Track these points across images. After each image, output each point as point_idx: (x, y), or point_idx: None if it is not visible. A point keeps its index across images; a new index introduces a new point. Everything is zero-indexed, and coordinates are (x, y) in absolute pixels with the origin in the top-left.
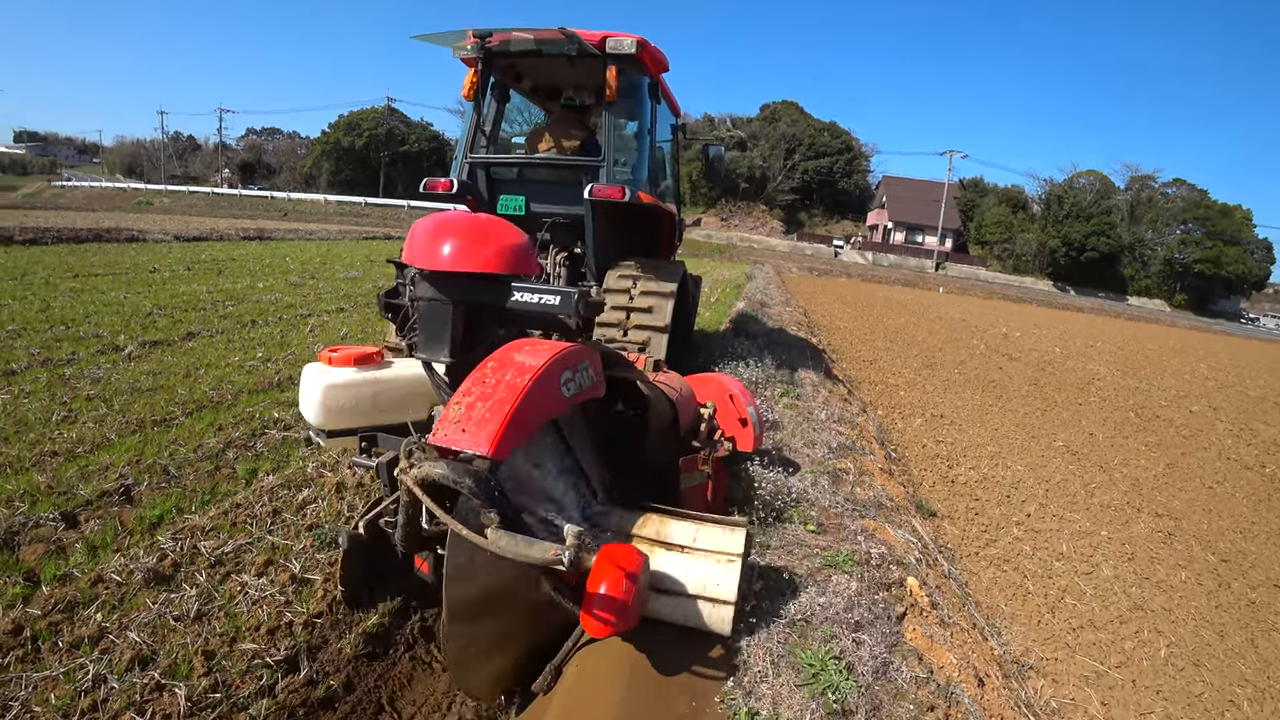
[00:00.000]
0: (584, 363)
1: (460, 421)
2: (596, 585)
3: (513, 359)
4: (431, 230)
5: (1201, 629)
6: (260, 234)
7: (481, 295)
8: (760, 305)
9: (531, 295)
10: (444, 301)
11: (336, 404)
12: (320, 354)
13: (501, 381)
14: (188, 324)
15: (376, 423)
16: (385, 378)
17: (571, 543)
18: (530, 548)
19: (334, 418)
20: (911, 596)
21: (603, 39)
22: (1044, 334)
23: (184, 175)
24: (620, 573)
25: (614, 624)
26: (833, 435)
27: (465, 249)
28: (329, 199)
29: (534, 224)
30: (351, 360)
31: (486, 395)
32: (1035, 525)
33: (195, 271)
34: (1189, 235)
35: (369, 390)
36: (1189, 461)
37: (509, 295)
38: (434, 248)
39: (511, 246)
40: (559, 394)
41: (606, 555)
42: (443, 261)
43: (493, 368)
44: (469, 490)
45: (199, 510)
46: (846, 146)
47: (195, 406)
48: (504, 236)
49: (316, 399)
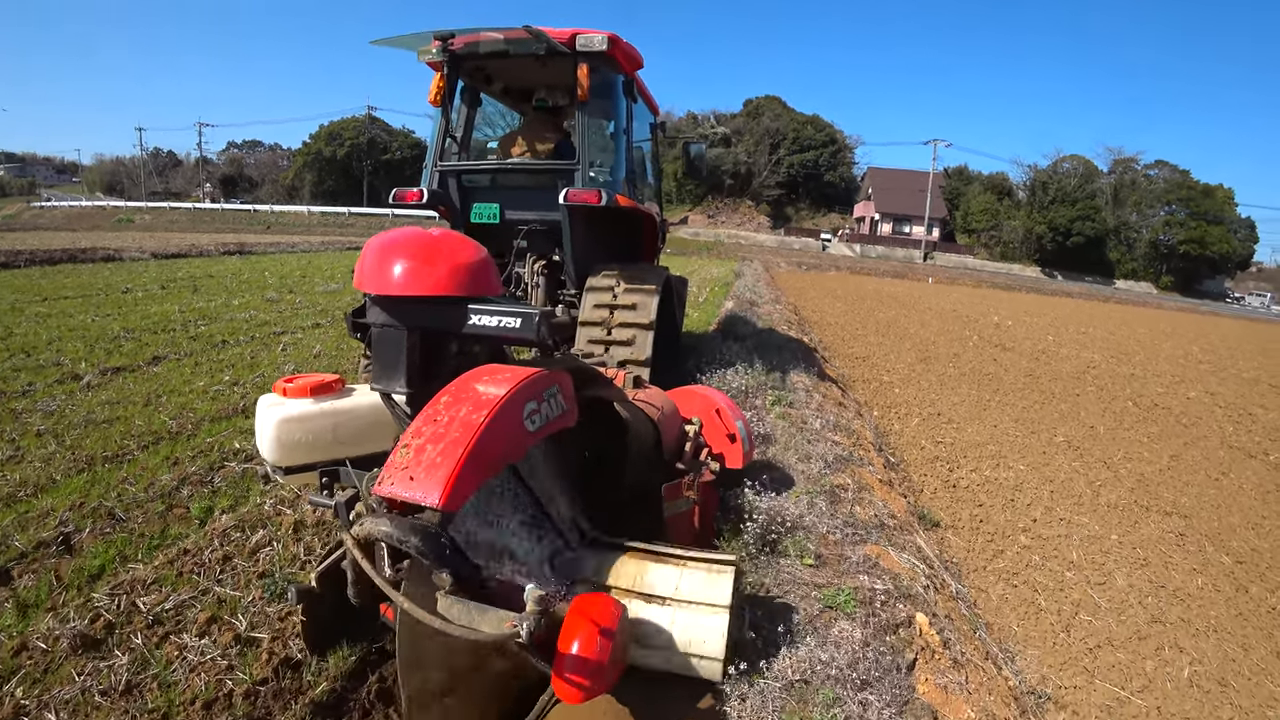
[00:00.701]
0: (551, 388)
1: (409, 468)
2: (568, 644)
3: (470, 390)
4: (379, 251)
5: (1224, 642)
6: (241, 248)
7: (437, 319)
8: (749, 304)
9: (490, 318)
10: (397, 328)
11: (292, 438)
12: (275, 384)
13: (455, 419)
14: (154, 347)
15: (337, 456)
16: (345, 408)
17: (532, 609)
18: (483, 618)
19: (291, 453)
20: (922, 637)
21: (572, 36)
22: (1035, 322)
23: (165, 191)
24: (594, 629)
25: (588, 688)
26: (828, 446)
27: (416, 270)
28: (312, 210)
29: (510, 232)
30: (308, 390)
31: (438, 436)
32: (1042, 531)
33: (170, 290)
34: (1173, 216)
35: (328, 422)
36: (1192, 453)
37: (466, 318)
38: (383, 270)
39: (467, 264)
40: (522, 428)
41: (579, 609)
42: (393, 285)
43: (446, 402)
44: (416, 551)
45: (145, 557)
46: (831, 139)
47: (152, 439)
48: (458, 254)
49: (271, 433)
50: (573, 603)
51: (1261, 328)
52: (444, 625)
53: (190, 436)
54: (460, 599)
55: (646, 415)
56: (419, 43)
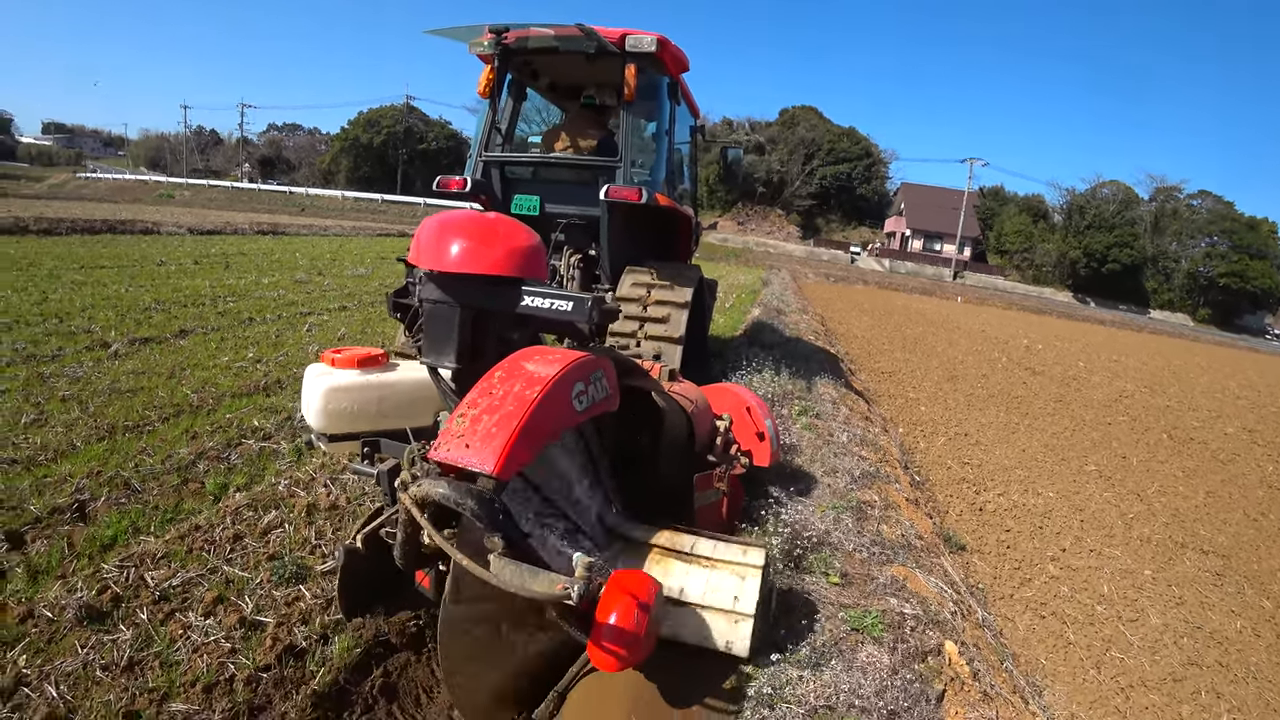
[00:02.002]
0: (598, 372)
1: (464, 436)
2: (606, 615)
3: (522, 368)
4: (438, 229)
5: (1264, 691)
6: (275, 229)
7: (490, 299)
8: (776, 312)
9: (543, 300)
10: (450, 304)
11: (339, 408)
12: (323, 355)
13: (510, 393)
14: (183, 320)
15: (380, 428)
16: (390, 381)
17: (581, 574)
18: (535, 580)
19: (336, 422)
20: (951, 667)
21: (622, 36)
22: (1066, 347)
23: (206, 169)
24: (632, 602)
25: (624, 658)
26: (855, 461)
27: (473, 249)
28: (346, 195)
29: (548, 225)
30: (355, 362)
31: (493, 408)
32: (1072, 562)
33: (203, 266)
34: (1214, 248)
35: (373, 394)
36: (1230, 490)
37: (519, 299)
38: (441, 247)
39: (522, 248)
40: (571, 407)
41: (617, 582)
42: (450, 262)
43: (500, 377)
44: (472, 513)
45: (157, 531)
46: (865, 152)
47: (173, 411)
48: (514, 237)
49: (318, 402)
50: (611, 576)
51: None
52: (499, 582)
53: (211, 411)
54: (513, 561)
55: (681, 407)
56: (472, 34)
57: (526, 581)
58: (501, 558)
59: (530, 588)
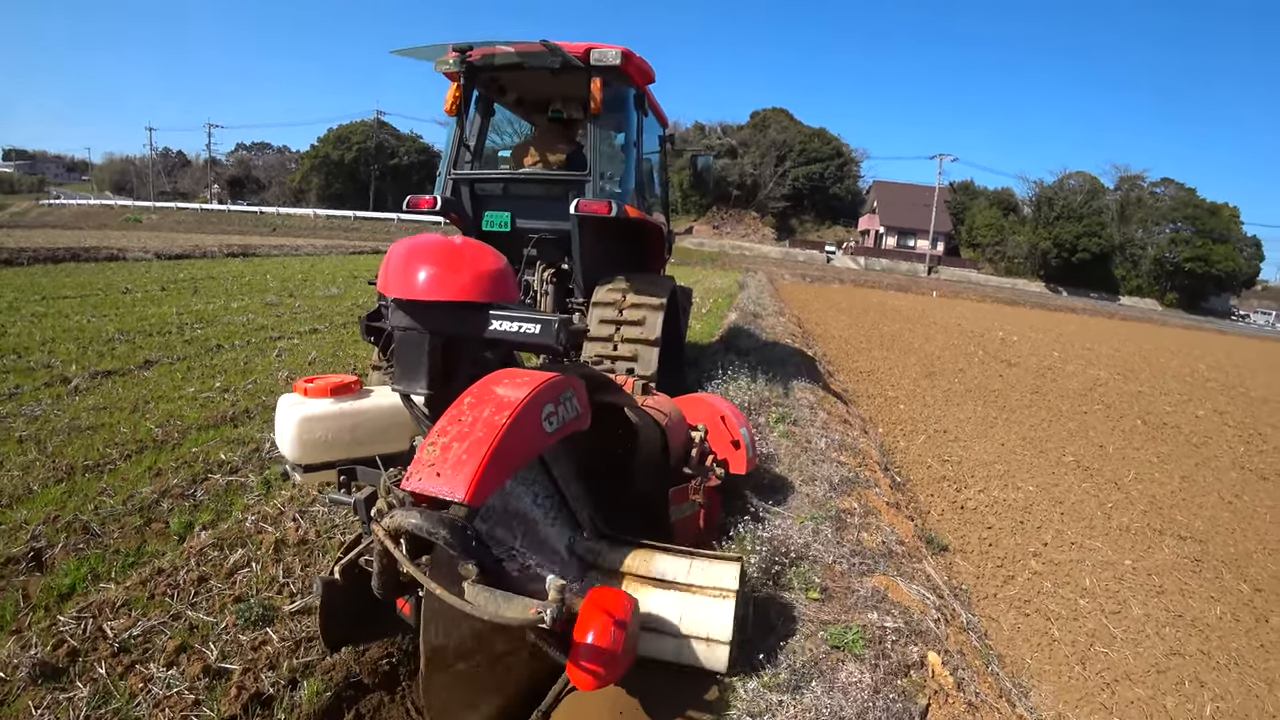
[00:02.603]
0: (567, 392)
1: (435, 464)
2: (583, 634)
3: (492, 393)
4: (405, 257)
5: (1246, 677)
6: (245, 250)
7: (459, 324)
8: (753, 316)
9: (511, 324)
10: (420, 331)
11: (313, 437)
12: (295, 384)
13: (479, 419)
14: (148, 350)
15: (355, 455)
16: (364, 408)
17: (554, 597)
18: (508, 606)
19: (311, 452)
20: (934, 679)
21: (586, 51)
22: (1041, 337)
23: (173, 191)
24: (608, 620)
25: (602, 676)
26: (833, 468)
27: (440, 276)
28: (318, 213)
29: (520, 240)
30: (328, 390)
31: (463, 435)
32: (1054, 556)
33: (170, 291)
34: (1178, 234)
35: (347, 422)
36: (1204, 474)
37: (488, 324)
38: (408, 275)
39: (489, 272)
40: (541, 429)
41: (593, 601)
42: (417, 290)
43: (470, 403)
44: (444, 542)
45: (117, 577)
46: (837, 152)
47: (136, 448)
48: (481, 261)
49: (292, 432)
50: (588, 595)
51: (1268, 346)
52: (473, 609)
53: (175, 446)
54: (486, 588)
55: (654, 421)
56: (437, 54)
57: (500, 608)
58: (476, 584)
59: (504, 614)
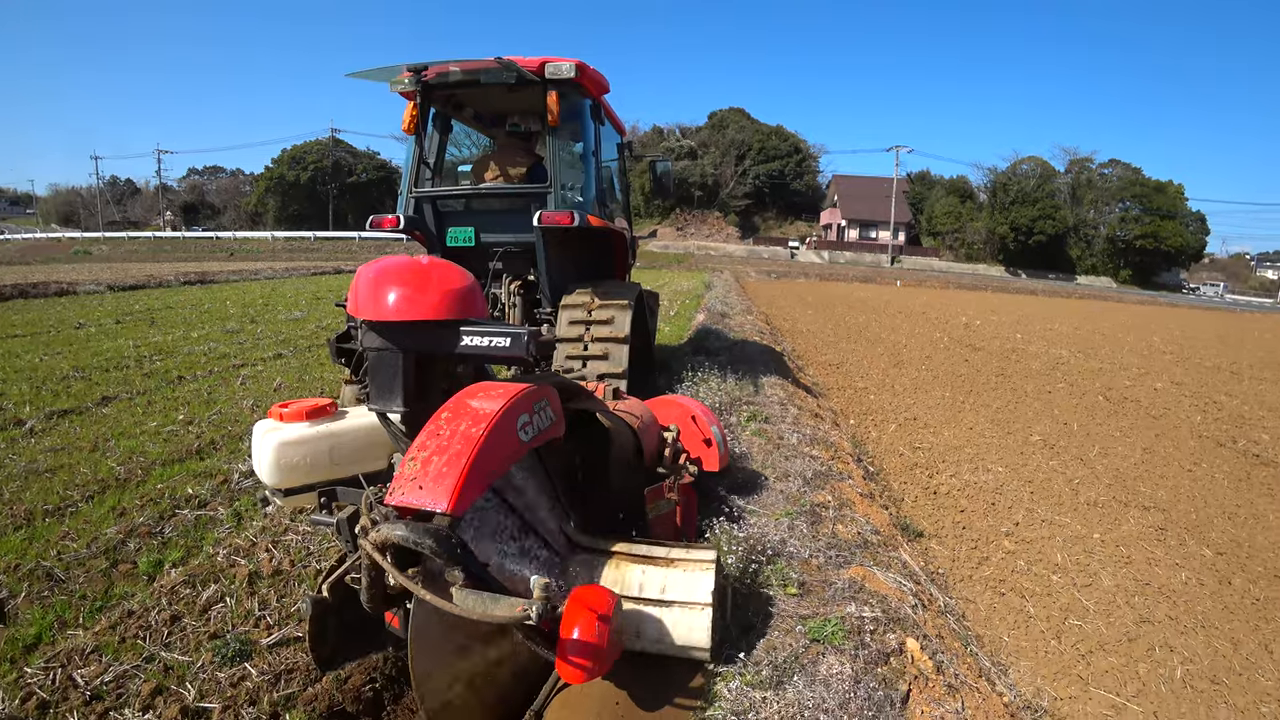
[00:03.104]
0: (541, 402)
1: (417, 478)
2: (569, 630)
3: (467, 406)
4: (374, 280)
5: (1213, 638)
6: (203, 277)
7: (431, 342)
8: (721, 316)
9: (482, 338)
10: (393, 351)
11: (291, 461)
12: (270, 410)
13: (456, 432)
14: (105, 386)
15: (334, 477)
16: (340, 430)
17: (539, 595)
18: (496, 606)
19: (290, 476)
20: (914, 665)
21: (541, 64)
22: (1003, 320)
23: (124, 220)
24: (592, 616)
25: (590, 669)
26: (806, 463)
27: (410, 297)
28: (276, 236)
29: (485, 254)
30: (304, 414)
31: (442, 448)
32: (1025, 534)
33: (125, 324)
34: (1128, 213)
35: (324, 444)
36: (1164, 444)
37: (459, 339)
38: (378, 297)
39: (457, 290)
40: (517, 439)
41: (577, 599)
42: (388, 311)
43: (447, 418)
44: (430, 551)
45: (86, 623)
46: (795, 148)
47: (98, 488)
48: (448, 280)
49: (269, 458)
50: (571, 593)
51: (1217, 316)
52: (463, 610)
53: (139, 483)
54: (474, 591)
55: (627, 424)
56: (391, 74)
57: (489, 608)
58: (463, 589)
59: (493, 613)
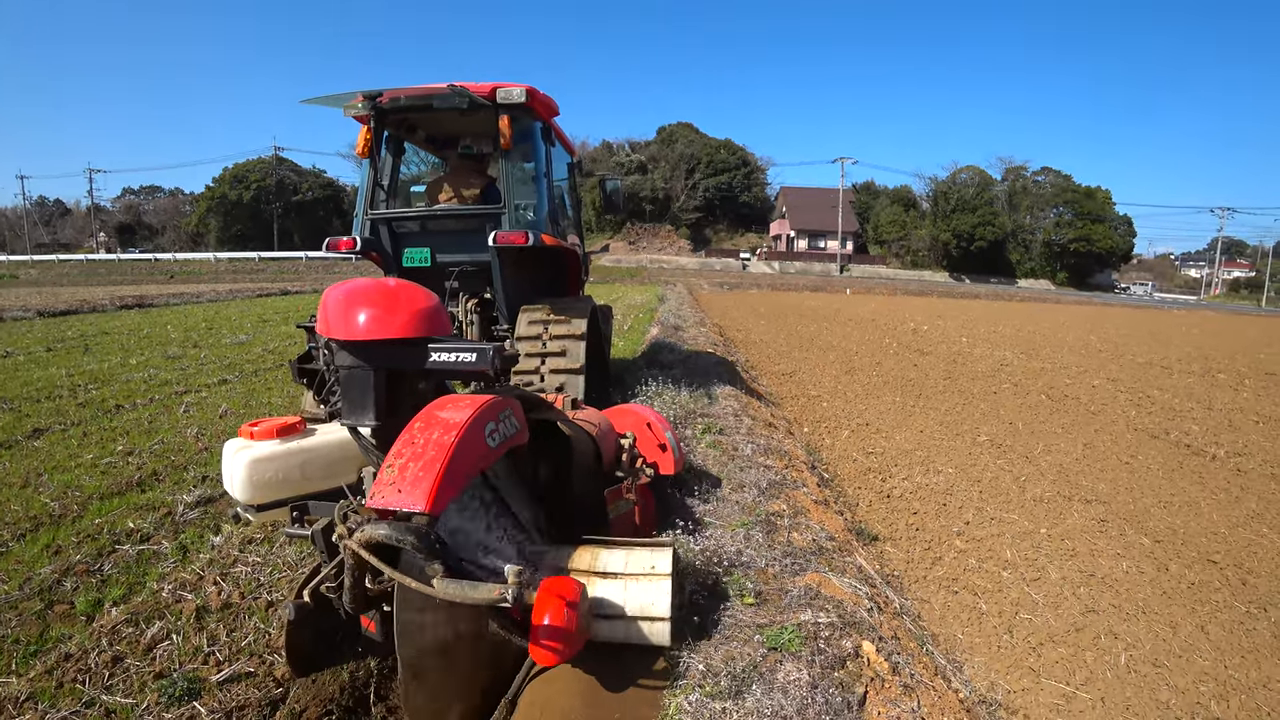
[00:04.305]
0: (506, 411)
1: (395, 483)
2: (540, 617)
3: (438, 417)
4: (345, 301)
5: (1154, 624)
6: (141, 301)
7: (401, 359)
8: (674, 329)
9: (449, 354)
10: (365, 368)
11: (263, 478)
12: (240, 429)
13: (430, 440)
14: (35, 418)
15: (305, 491)
16: (310, 446)
17: (513, 581)
18: (475, 590)
19: (262, 492)
20: (870, 667)
21: (492, 90)
22: (949, 325)
23: (54, 243)
24: (561, 603)
25: (561, 651)
26: (761, 473)
27: (380, 317)
28: (219, 257)
29: (441, 274)
30: (274, 432)
31: (417, 455)
32: (975, 533)
33: (57, 352)
34: (1061, 218)
35: (295, 460)
36: (1103, 439)
37: (428, 356)
38: (349, 318)
39: (424, 310)
40: (485, 445)
41: (547, 588)
42: (359, 331)
43: (420, 428)
44: (412, 546)
45: (19, 668)
46: (743, 161)
47: (30, 525)
48: (416, 300)
49: (242, 475)
50: (541, 583)
51: (1147, 314)
52: (446, 595)
53: (75, 519)
54: (453, 580)
55: (586, 432)
56: (346, 100)
57: (468, 592)
58: (444, 579)
59: (472, 596)
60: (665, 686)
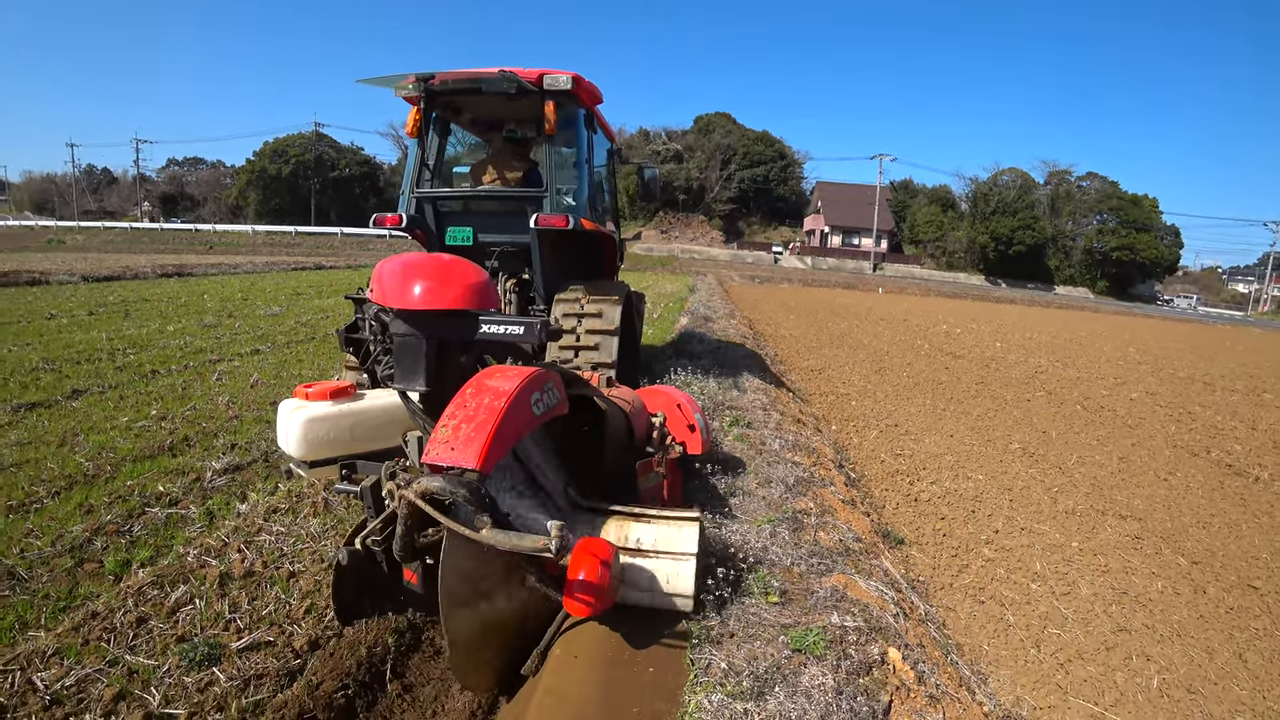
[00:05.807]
0: (549, 383)
1: (449, 441)
2: (576, 573)
3: (488, 385)
4: (400, 272)
5: (1189, 647)
6: (180, 270)
7: (453, 329)
8: (704, 320)
9: (499, 326)
10: (418, 337)
11: (316, 436)
12: (295, 390)
13: (481, 405)
14: (76, 379)
15: (353, 451)
16: (360, 409)
17: (556, 534)
18: (521, 540)
19: (314, 449)
20: (896, 675)
21: (540, 76)
22: (983, 329)
23: (100, 210)
24: (596, 560)
25: (594, 605)
26: (788, 469)
27: (435, 289)
28: (257, 229)
29: (482, 253)
30: (328, 394)
31: (469, 418)
32: (1005, 543)
33: (99, 316)
34: (1104, 225)
35: (347, 421)
36: (1140, 453)
37: (478, 327)
38: (405, 288)
39: (476, 284)
40: (530, 413)
41: (583, 547)
42: (415, 301)
43: (471, 393)
44: (464, 499)
45: (48, 623)
46: (780, 154)
47: (65, 484)
48: (468, 275)
49: (297, 432)
50: (577, 543)
51: (1190, 328)
52: (494, 542)
53: (109, 479)
54: (501, 530)
55: (620, 408)
56: (399, 81)
57: (515, 541)
58: (492, 529)
59: (519, 545)
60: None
